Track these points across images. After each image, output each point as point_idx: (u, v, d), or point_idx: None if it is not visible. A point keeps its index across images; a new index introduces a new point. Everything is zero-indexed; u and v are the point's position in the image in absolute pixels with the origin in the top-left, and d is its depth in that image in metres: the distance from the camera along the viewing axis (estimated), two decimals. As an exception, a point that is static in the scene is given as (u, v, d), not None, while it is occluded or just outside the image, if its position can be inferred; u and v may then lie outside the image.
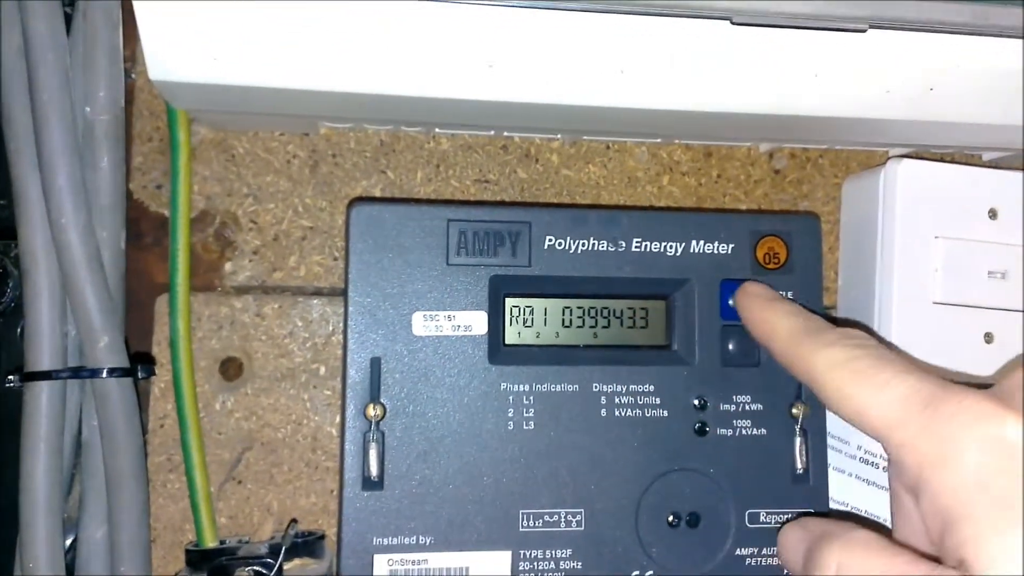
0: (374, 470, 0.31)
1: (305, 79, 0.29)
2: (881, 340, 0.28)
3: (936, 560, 0.22)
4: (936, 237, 0.36)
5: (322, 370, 0.37)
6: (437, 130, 0.38)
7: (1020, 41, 0.30)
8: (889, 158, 0.38)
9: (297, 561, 0.34)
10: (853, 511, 0.37)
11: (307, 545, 0.35)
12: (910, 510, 0.24)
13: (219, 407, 0.36)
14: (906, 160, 0.36)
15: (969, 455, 0.21)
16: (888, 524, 0.29)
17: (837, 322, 0.33)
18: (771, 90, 0.30)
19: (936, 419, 0.22)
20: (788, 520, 0.33)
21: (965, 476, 0.21)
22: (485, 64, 0.29)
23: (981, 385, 0.24)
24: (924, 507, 0.22)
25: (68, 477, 0.34)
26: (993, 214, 0.37)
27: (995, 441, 0.21)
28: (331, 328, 0.37)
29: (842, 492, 0.37)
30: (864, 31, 0.29)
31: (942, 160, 0.39)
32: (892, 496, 0.27)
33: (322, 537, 0.36)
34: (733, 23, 0.28)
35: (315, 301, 0.37)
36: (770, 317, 0.30)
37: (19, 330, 0.34)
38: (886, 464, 0.34)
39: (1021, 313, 0.36)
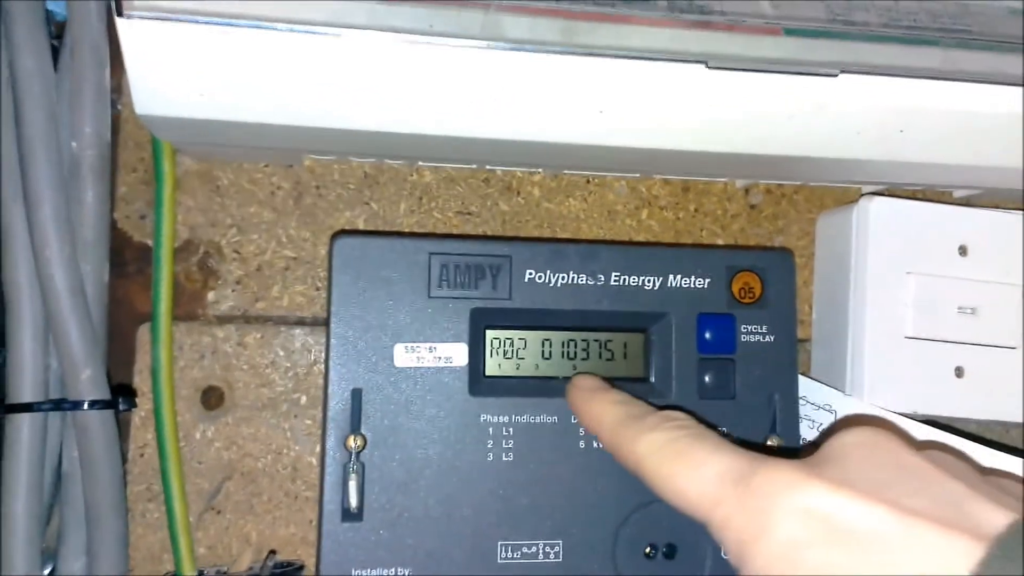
0: (353, 501, 0.31)
1: (290, 115, 0.30)
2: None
3: None
4: (907, 273, 0.37)
5: (303, 399, 0.37)
6: (420, 163, 0.38)
7: (988, 86, 0.31)
8: (862, 195, 0.39)
9: (276, 592, 0.34)
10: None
11: (286, 576, 0.35)
12: None
13: (199, 436, 0.36)
14: (877, 198, 0.37)
15: (780, 528, 0.21)
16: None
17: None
18: (746, 131, 0.31)
19: (748, 494, 0.22)
20: None
21: (777, 549, 0.21)
22: (468, 102, 0.30)
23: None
24: None
25: (47, 508, 0.34)
26: (963, 251, 0.38)
27: (804, 512, 0.21)
28: (312, 358, 0.37)
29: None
30: (836, 76, 0.29)
31: (914, 197, 0.40)
32: None
33: (301, 568, 0.36)
34: (708, 67, 0.29)
35: (297, 331, 0.37)
36: (596, 408, 0.30)
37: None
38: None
39: (990, 348, 0.37)
